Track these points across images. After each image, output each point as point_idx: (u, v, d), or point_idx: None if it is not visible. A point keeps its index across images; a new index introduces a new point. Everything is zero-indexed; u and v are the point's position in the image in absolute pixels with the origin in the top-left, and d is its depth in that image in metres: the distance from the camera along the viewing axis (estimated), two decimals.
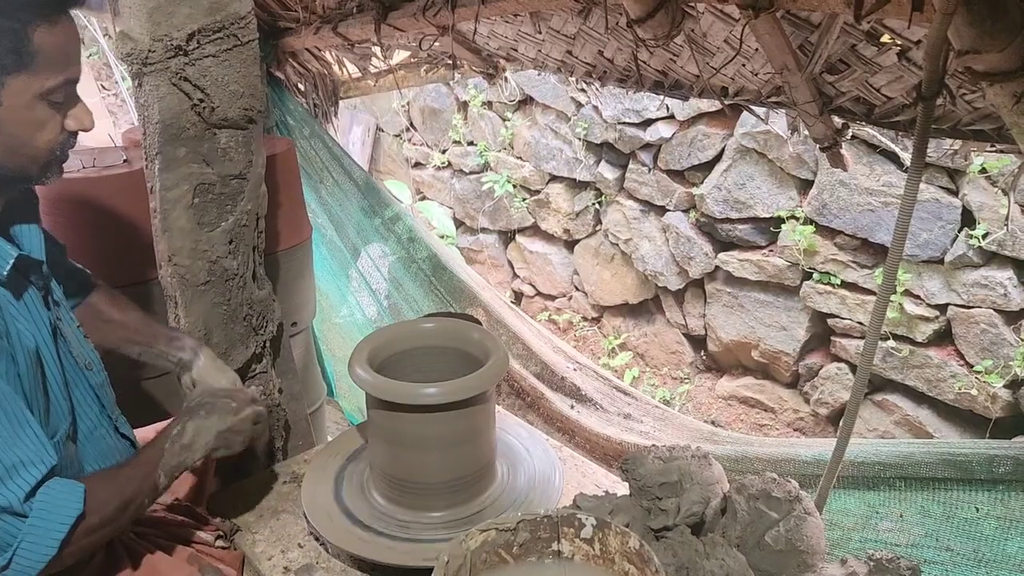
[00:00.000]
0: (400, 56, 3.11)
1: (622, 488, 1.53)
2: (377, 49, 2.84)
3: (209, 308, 1.80)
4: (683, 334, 4.69)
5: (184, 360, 1.59)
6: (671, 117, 4.30)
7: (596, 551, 1.24)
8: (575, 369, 2.86)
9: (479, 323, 2.63)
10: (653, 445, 1.59)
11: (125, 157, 2.22)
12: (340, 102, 3.56)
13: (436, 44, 2.63)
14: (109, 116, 6.88)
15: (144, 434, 1.58)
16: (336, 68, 3.32)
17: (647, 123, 4.42)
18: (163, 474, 1.34)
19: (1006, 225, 3.12)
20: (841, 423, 1.52)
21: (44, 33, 1.17)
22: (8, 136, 1.21)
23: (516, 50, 2.47)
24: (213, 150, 1.68)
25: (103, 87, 7.31)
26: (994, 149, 1.56)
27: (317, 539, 1.60)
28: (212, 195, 1.71)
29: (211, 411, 1.45)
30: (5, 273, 1.22)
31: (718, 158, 4.17)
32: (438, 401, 1.48)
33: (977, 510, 1.75)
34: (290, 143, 2.61)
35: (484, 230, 5.76)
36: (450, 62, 2.73)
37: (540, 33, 2.26)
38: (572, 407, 2.70)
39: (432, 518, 1.57)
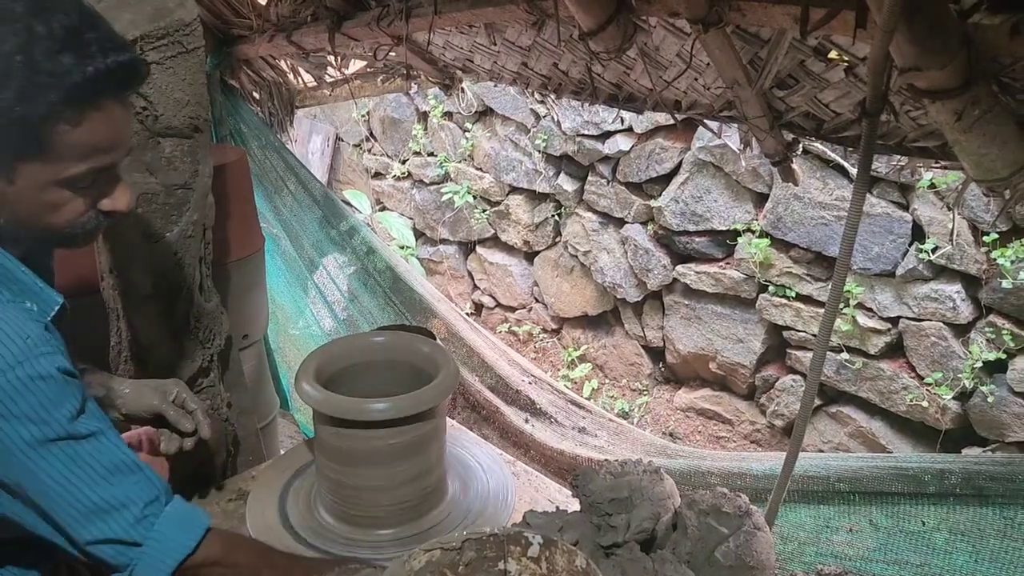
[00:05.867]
0: (356, 66, 3.09)
1: (575, 504, 1.52)
2: (332, 58, 2.82)
3: (153, 321, 1.75)
4: (642, 346, 4.71)
5: (98, 399, 1.47)
6: (629, 130, 4.32)
7: (543, 570, 1.22)
8: (530, 382, 2.84)
9: (433, 336, 2.60)
10: (606, 460, 1.58)
11: None
12: (298, 111, 3.52)
13: (391, 54, 2.61)
14: None
15: None
16: (291, 77, 3.28)
17: (606, 136, 4.44)
18: None
19: (950, 240, 3.18)
20: (791, 439, 1.53)
21: (67, 126, 1.04)
22: (18, 211, 1.10)
23: (472, 61, 2.45)
24: (157, 159, 1.64)
25: None
26: (939, 166, 1.58)
27: None
28: (156, 205, 1.67)
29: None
30: (49, 319, 1.17)
31: (676, 171, 4.20)
32: (386, 416, 1.45)
33: (924, 524, 1.76)
34: (242, 152, 2.58)
35: (444, 241, 5.74)
36: (406, 72, 2.71)
37: (495, 45, 2.25)
38: (527, 421, 2.68)
39: (380, 536, 1.53)
